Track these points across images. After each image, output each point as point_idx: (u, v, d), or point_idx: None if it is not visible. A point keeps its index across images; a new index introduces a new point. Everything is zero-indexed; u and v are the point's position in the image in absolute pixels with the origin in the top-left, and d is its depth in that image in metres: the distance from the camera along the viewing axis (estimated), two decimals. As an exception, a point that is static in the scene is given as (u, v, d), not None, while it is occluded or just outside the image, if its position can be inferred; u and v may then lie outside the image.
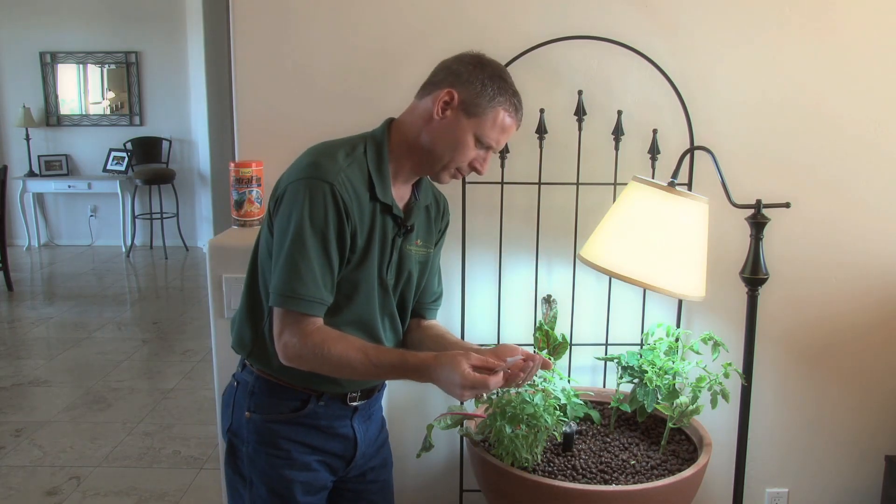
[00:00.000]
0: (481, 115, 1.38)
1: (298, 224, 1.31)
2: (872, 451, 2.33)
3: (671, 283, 1.65)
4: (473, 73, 1.39)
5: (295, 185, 1.33)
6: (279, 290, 1.32)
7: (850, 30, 2.09)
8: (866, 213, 2.18)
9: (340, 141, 1.43)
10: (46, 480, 2.92)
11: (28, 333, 4.85)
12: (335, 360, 1.33)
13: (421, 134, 1.41)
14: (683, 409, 1.80)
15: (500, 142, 1.43)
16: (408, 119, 1.45)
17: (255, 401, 1.46)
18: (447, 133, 1.39)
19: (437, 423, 1.82)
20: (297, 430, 1.46)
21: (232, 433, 1.49)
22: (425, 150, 1.42)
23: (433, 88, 1.41)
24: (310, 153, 1.39)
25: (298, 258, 1.31)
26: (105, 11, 7.20)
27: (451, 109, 1.38)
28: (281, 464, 1.45)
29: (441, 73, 1.42)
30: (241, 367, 1.50)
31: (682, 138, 2.08)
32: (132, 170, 7.30)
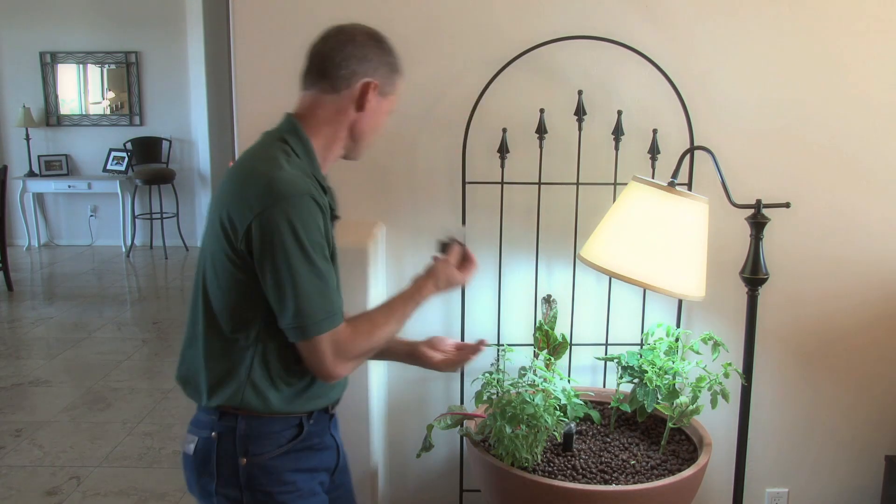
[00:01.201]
0: (392, 92, 1.43)
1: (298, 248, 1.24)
2: (872, 451, 2.33)
3: (671, 283, 1.65)
4: (379, 55, 1.40)
5: (273, 212, 1.23)
6: (301, 323, 1.26)
7: (849, 30, 2.09)
8: (866, 213, 2.18)
9: (265, 153, 1.33)
10: (46, 480, 2.92)
11: (28, 333, 4.85)
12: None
13: (344, 127, 1.39)
14: (683, 409, 1.80)
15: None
16: (324, 115, 1.38)
17: (248, 444, 1.35)
18: (372, 119, 1.41)
19: (437, 423, 1.82)
20: (297, 458, 1.40)
21: (225, 488, 1.36)
22: (353, 140, 1.42)
23: (345, 82, 1.37)
24: (258, 176, 1.26)
25: (313, 280, 1.26)
26: (105, 11, 7.19)
27: (373, 96, 1.39)
28: (291, 497, 1.38)
29: (351, 64, 1.37)
30: (219, 417, 1.35)
31: (682, 138, 2.08)
32: (132, 170, 7.30)
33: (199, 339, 1.37)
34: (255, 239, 1.25)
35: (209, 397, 1.36)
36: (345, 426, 1.92)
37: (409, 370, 2.26)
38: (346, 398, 1.94)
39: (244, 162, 1.34)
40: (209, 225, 1.35)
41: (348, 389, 1.95)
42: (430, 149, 2.15)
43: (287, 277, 1.25)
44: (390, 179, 2.16)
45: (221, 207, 1.30)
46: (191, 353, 1.40)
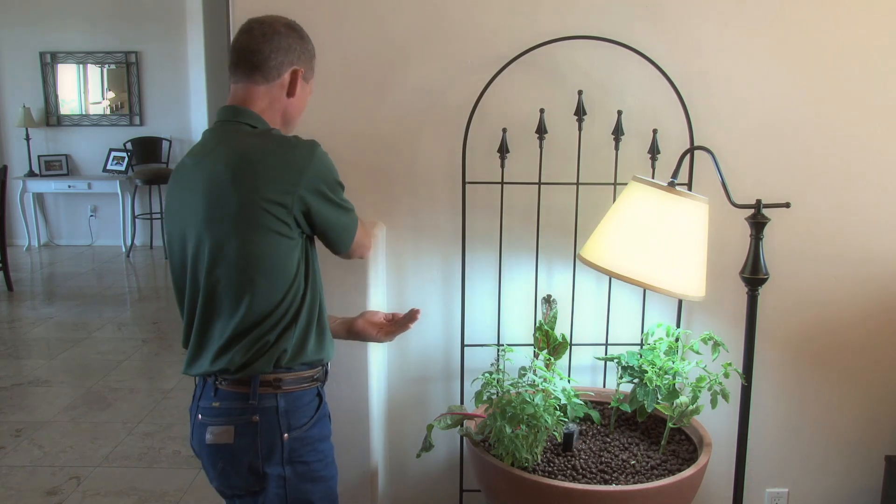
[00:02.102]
0: (313, 75, 1.59)
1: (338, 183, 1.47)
2: (872, 451, 2.33)
3: (671, 283, 1.65)
4: (300, 44, 1.51)
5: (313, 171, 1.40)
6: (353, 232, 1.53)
7: (850, 30, 2.09)
8: (866, 213, 2.18)
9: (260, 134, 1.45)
10: (46, 480, 2.92)
11: (28, 333, 4.85)
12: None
13: (278, 114, 1.51)
14: (683, 409, 1.80)
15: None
16: (260, 104, 1.49)
17: (289, 418, 1.44)
18: (300, 102, 1.55)
19: (437, 423, 1.82)
20: (322, 427, 1.52)
21: (274, 465, 1.43)
22: (285, 124, 1.54)
23: (275, 72, 1.48)
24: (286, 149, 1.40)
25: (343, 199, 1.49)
26: (105, 11, 7.20)
27: (299, 83, 1.51)
28: (322, 466, 1.51)
29: (279, 56, 1.47)
30: (258, 401, 1.42)
31: (682, 138, 2.08)
32: (132, 170, 7.30)
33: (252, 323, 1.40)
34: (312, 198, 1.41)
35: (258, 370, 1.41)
36: (345, 426, 1.92)
37: (409, 370, 2.27)
38: (346, 398, 1.95)
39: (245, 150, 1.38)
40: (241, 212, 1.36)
41: (349, 390, 1.96)
42: (430, 149, 2.15)
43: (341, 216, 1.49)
44: (390, 179, 2.16)
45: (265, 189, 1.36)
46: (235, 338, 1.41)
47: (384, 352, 2.22)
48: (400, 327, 1.73)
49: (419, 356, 2.25)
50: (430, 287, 2.22)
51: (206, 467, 1.48)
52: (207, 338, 1.45)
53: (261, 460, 1.43)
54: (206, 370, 1.44)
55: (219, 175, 1.38)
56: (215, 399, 1.44)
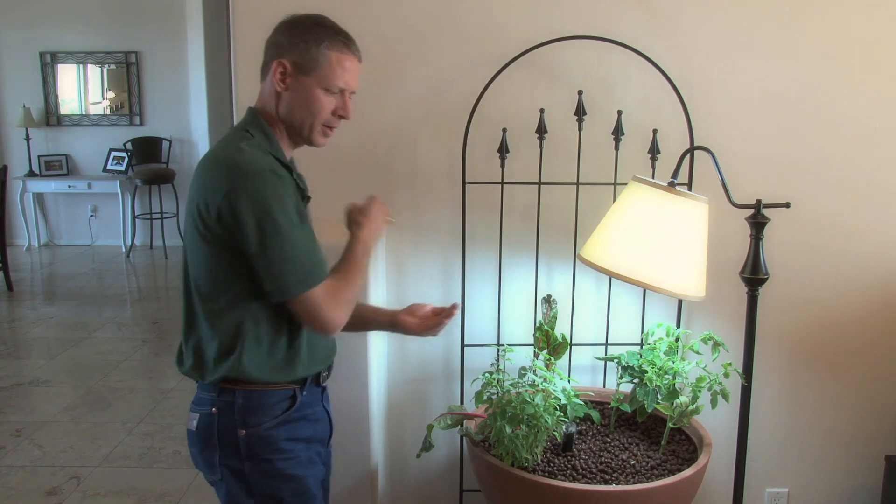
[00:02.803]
0: (316, 67, 1.43)
1: (270, 220, 1.33)
2: (872, 451, 2.33)
3: (671, 283, 1.65)
4: (291, 35, 1.45)
5: (239, 191, 1.32)
6: (290, 283, 1.35)
7: (849, 30, 2.09)
8: (866, 213, 2.18)
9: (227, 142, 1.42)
10: (46, 480, 2.92)
11: (28, 333, 4.85)
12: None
13: (279, 111, 1.46)
14: (683, 409, 1.80)
15: (350, 82, 1.48)
16: (263, 103, 1.49)
17: (246, 416, 1.43)
18: (297, 99, 1.44)
19: (437, 423, 1.82)
20: (293, 428, 1.48)
21: (227, 459, 1.45)
22: (289, 122, 1.47)
23: (266, 69, 1.47)
24: (217, 162, 1.37)
25: (287, 249, 1.35)
26: (105, 11, 7.19)
27: (290, 77, 1.43)
28: (290, 465, 1.47)
29: (267, 53, 1.47)
30: (217, 393, 1.44)
31: (682, 138, 2.08)
32: (132, 170, 7.30)
33: (195, 321, 1.44)
34: (228, 218, 1.33)
35: (210, 373, 1.43)
36: (345, 426, 1.92)
37: (409, 370, 2.27)
38: (346, 399, 1.95)
39: (210, 153, 1.43)
40: (187, 215, 1.44)
41: (349, 390, 1.96)
42: (430, 149, 2.15)
43: (263, 248, 1.34)
44: (390, 179, 2.16)
45: (195, 197, 1.39)
46: (189, 337, 1.47)
47: (384, 352, 2.22)
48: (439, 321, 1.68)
49: (419, 356, 2.25)
50: (430, 287, 2.22)
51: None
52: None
53: (217, 452, 1.44)
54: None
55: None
56: (198, 387, 1.50)
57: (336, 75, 1.45)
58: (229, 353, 1.41)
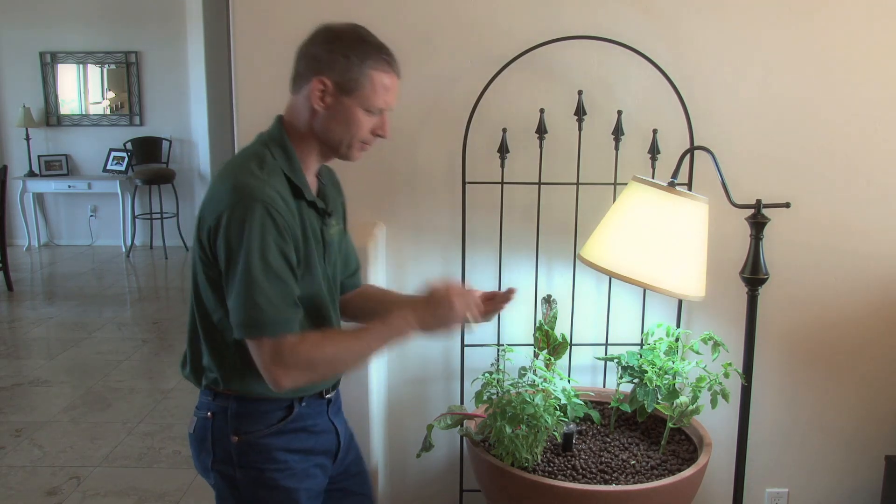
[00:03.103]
0: (359, 87, 1.36)
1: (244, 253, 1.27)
2: (872, 451, 2.33)
3: (671, 283, 1.65)
4: (332, 50, 1.36)
5: (227, 214, 1.28)
6: (243, 322, 1.29)
7: (849, 30, 2.09)
8: (866, 213, 2.18)
9: (244, 155, 1.38)
10: (46, 480, 2.92)
11: (28, 333, 4.85)
12: (331, 361, 1.35)
13: (312, 126, 1.40)
14: (683, 409, 1.80)
15: (389, 101, 1.42)
16: (294, 115, 1.42)
17: (240, 423, 1.41)
18: (335, 118, 1.38)
19: (437, 423, 1.82)
20: (290, 439, 1.44)
21: (220, 464, 1.43)
22: (323, 139, 1.41)
23: (302, 81, 1.39)
24: (225, 177, 1.33)
25: (251, 287, 1.27)
26: (105, 11, 7.19)
27: (329, 95, 1.36)
28: (282, 476, 1.42)
29: (302, 63, 1.40)
30: (213, 397, 1.43)
31: (682, 138, 2.08)
32: (132, 170, 7.30)
33: (196, 327, 1.43)
34: (213, 240, 1.31)
35: (206, 379, 1.43)
36: (345, 426, 1.92)
37: (408, 370, 2.27)
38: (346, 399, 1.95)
39: (227, 165, 1.39)
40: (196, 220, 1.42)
41: (349, 390, 1.95)
42: (430, 149, 2.15)
43: (232, 279, 1.29)
44: (390, 179, 2.16)
45: (202, 205, 1.37)
46: (191, 341, 1.46)
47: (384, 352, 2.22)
48: (495, 306, 1.54)
49: (419, 356, 2.25)
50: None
51: None
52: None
53: (211, 456, 1.43)
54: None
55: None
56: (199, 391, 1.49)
57: (378, 96, 1.39)
58: (225, 365, 1.40)
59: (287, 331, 1.31)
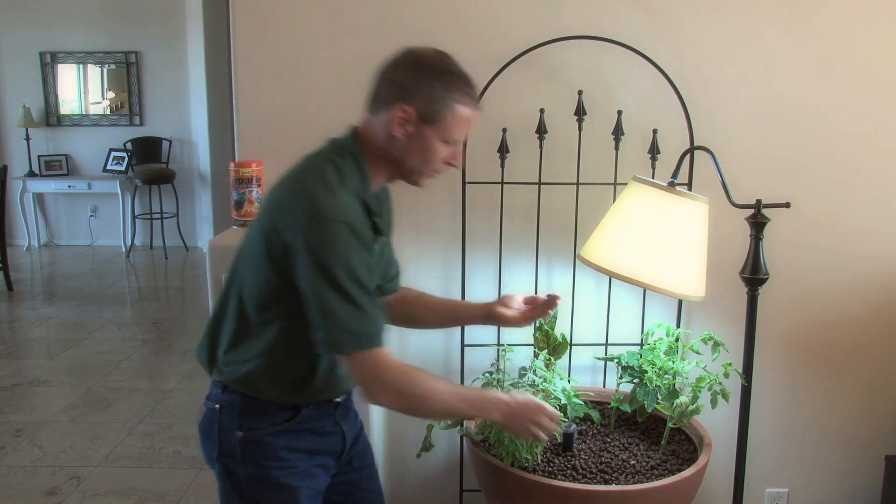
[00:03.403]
0: (441, 119, 1.36)
1: (332, 273, 1.27)
2: (872, 451, 2.33)
3: (671, 283, 1.65)
4: (418, 79, 1.35)
5: (311, 235, 1.27)
6: (338, 339, 1.30)
7: (849, 30, 2.09)
8: (866, 213, 2.18)
9: (319, 161, 1.37)
10: (46, 480, 2.92)
11: (28, 333, 4.85)
12: (424, 395, 1.35)
13: (388, 149, 1.39)
14: (683, 409, 1.80)
15: (468, 133, 1.43)
16: (370, 134, 1.41)
17: (245, 419, 1.42)
18: (413, 146, 1.38)
19: (437, 423, 1.82)
20: (294, 438, 1.44)
21: (224, 457, 1.44)
22: (397, 164, 1.41)
23: (383, 105, 1.38)
24: (305, 190, 1.31)
25: (342, 305, 1.29)
26: (105, 11, 7.19)
27: (410, 124, 1.36)
28: (285, 474, 1.43)
29: (385, 87, 1.38)
30: (222, 390, 1.44)
31: (682, 138, 2.08)
32: (132, 170, 7.30)
33: (225, 319, 1.44)
34: (292, 255, 1.29)
35: (218, 371, 1.45)
36: (345, 426, 1.92)
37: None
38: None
39: (299, 169, 1.38)
40: (258, 217, 1.41)
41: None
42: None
43: (318, 299, 1.28)
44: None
45: (270, 210, 1.36)
46: (214, 329, 1.47)
47: (384, 352, 2.21)
48: (538, 312, 1.63)
49: (419, 356, 2.25)
50: (430, 287, 2.21)
51: None
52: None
53: (216, 448, 1.44)
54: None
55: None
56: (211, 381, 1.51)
57: (459, 129, 1.39)
58: (244, 364, 1.41)
59: (382, 342, 1.33)
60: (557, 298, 1.61)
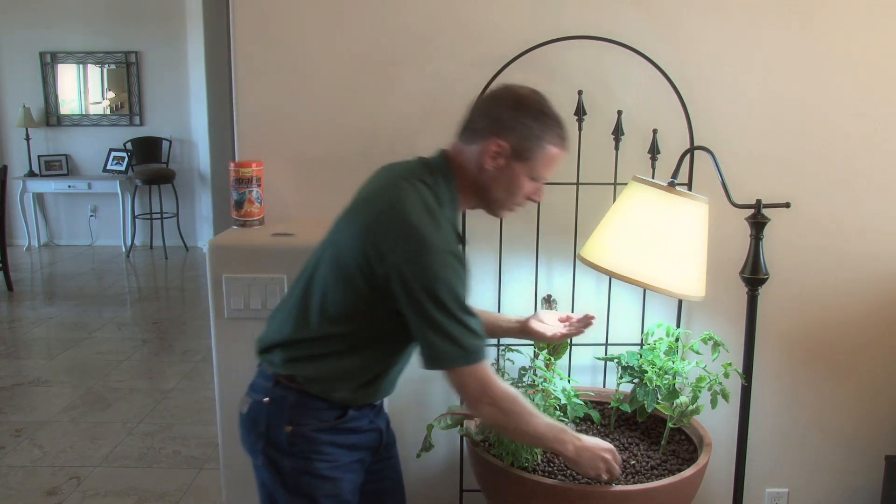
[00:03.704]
0: (532, 157, 1.43)
1: (438, 300, 1.33)
2: (872, 451, 2.33)
3: (671, 283, 1.65)
4: (515, 116, 1.42)
5: (419, 261, 1.32)
6: (445, 356, 1.37)
7: (849, 30, 2.09)
8: (866, 213, 2.18)
9: (415, 184, 1.40)
10: (46, 480, 2.92)
11: (28, 333, 4.85)
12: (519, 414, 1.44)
13: (477, 179, 1.46)
14: (683, 409, 1.80)
15: (553, 171, 1.50)
16: (461, 162, 1.47)
17: (295, 414, 1.47)
18: (501, 179, 1.45)
19: (437, 423, 1.82)
20: (340, 435, 1.51)
21: (270, 449, 1.49)
22: (483, 193, 1.48)
23: (477, 137, 1.44)
24: (410, 219, 1.34)
25: (450, 327, 1.35)
26: (105, 11, 7.20)
27: (502, 157, 1.42)
28: (328, 467, 1.49)
29: (482, 120, 1.45)
30: (273, 384, 1.48)
31: (682, 138, 2.08)
32: (132, 170, 7.30)
33: (297, 316, 1.47)
34: (397, 283, 1.34)
35: (276, 366, 1.48)
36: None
37: (409, 370, 2.26)
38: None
39: (393, 187, 1.41)
40: (346, 226, 1.44)
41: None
42: (431, 149, 2.13)
43: (426, 320, 1.35)
44: (390, 179, 2.16)
45: (366, 227, 1.38)
46: (282, 323, 1.50)
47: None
48: (574, 330, 1.74)
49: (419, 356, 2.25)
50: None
51: None
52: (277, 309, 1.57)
53: (262, 441, 1.49)
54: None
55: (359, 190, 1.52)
56: (257, 372, 1.55)
57: (547, 168, 1.47)
58: (310, 365, 1.46)
59: (477, 360, 1.39)
60: (592, 318, 1.72)
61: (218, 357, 1.98)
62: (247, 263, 1.93)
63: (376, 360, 1.49)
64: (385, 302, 1.38)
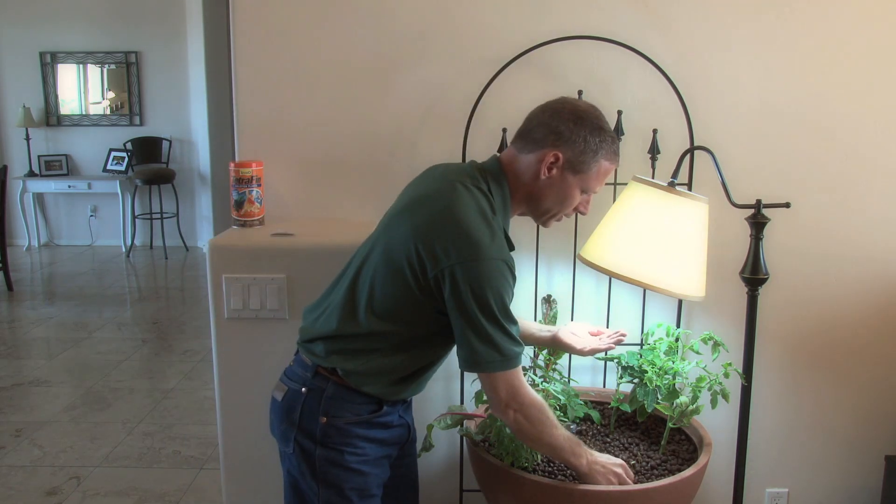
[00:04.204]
0: (586, 171, 1.49)
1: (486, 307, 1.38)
2: (872, 451, 2.33)
3: (671, 283, 1.65)
4: (575, 130, 1.47)
5: (472, 267, 1.36)
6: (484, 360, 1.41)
7: (849, 30, 2.09)
8: (866, 213, 2.18)
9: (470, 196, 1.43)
10: (46, 480, 2.93)
11: (28, 333, 4.85)
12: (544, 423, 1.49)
13: (530, 187, 1.51)
14: (683, 409, 1.80)
15: (603, 185, 1.56)
16: (515, 170, 1.52)
17: (331, 406, 1.50)
18: (554, 189, 1.51)
19: (437, 423, 1.82)
20: (372, 430, 1.55)
21: (303, 437, 1.52)
22: (534, 202, 1.54)
23: (535, 147, 1.49)
24: (465, 225, 1.38)
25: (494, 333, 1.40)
26: (105, 11, 7.20)
27: (557, 168, 1.48)
28: (358, 460, 1.53)
29: (541, 131, 1.49)
30: (312, 374, 1.52)
31: (682, 138, 2.08)
32: (132, 170, 7.31)
33: (343, 311, 1.50)
34: (447, 285, 1.38)
35: (316, 356, 1.52)
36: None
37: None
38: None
39: (451, 190, 1.44)
40: (398, 223, 1.46)
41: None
42: (430, 149, 2.15)
43: (470, 323, 1.39)
44: (390, 179, 2.16)
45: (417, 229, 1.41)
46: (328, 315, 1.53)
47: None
48: (605, 346, 1.80)
49: (419, 356, 2.25)
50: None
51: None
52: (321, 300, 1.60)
53: (295, 429, 1.52)
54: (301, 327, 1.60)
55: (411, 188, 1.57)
56: (293, 361, 1.59)
57: (599, 182, 1.53)
58: (352, 360, 1.49)
59: (514, 366, 1.44)
60: (624, 335, 1.80)
61: (218, 357, 1.98)
62: (247, 263, 1.93)
63: (418, 358, 1.53)
64: (432, 302, 1.42)
